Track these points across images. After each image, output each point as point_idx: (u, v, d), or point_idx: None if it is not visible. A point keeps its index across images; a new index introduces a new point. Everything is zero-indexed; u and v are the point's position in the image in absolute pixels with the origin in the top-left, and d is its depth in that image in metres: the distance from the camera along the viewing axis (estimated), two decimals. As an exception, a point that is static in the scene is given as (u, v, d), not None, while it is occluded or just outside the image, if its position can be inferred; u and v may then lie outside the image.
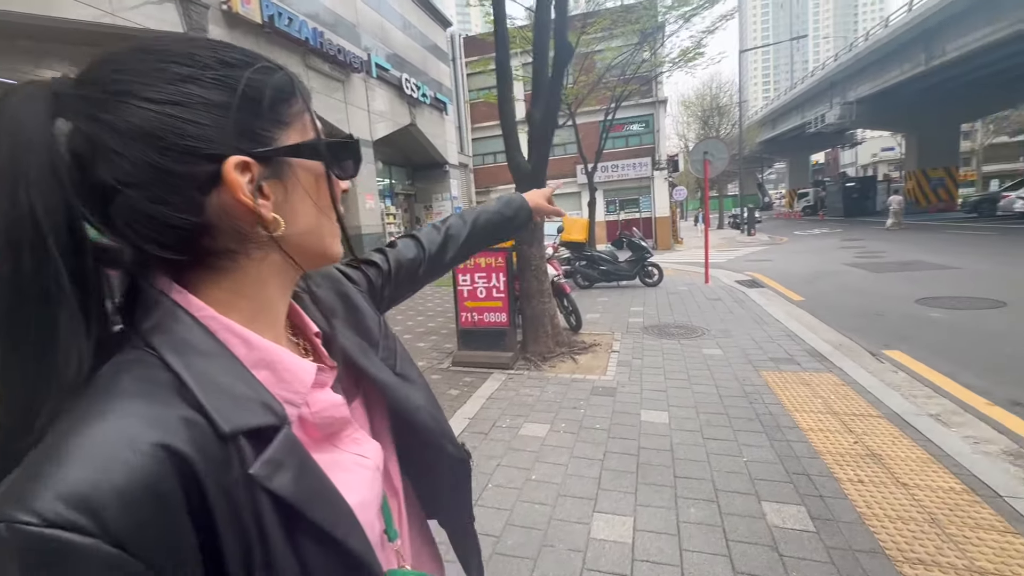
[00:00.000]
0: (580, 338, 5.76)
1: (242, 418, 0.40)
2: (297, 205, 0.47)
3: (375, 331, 0.63)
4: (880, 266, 10.60)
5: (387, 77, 10.50)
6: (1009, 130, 41.66)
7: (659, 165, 20.79)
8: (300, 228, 0.47)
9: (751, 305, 7.29)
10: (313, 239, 0.49)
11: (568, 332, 6.01)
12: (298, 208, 0.47)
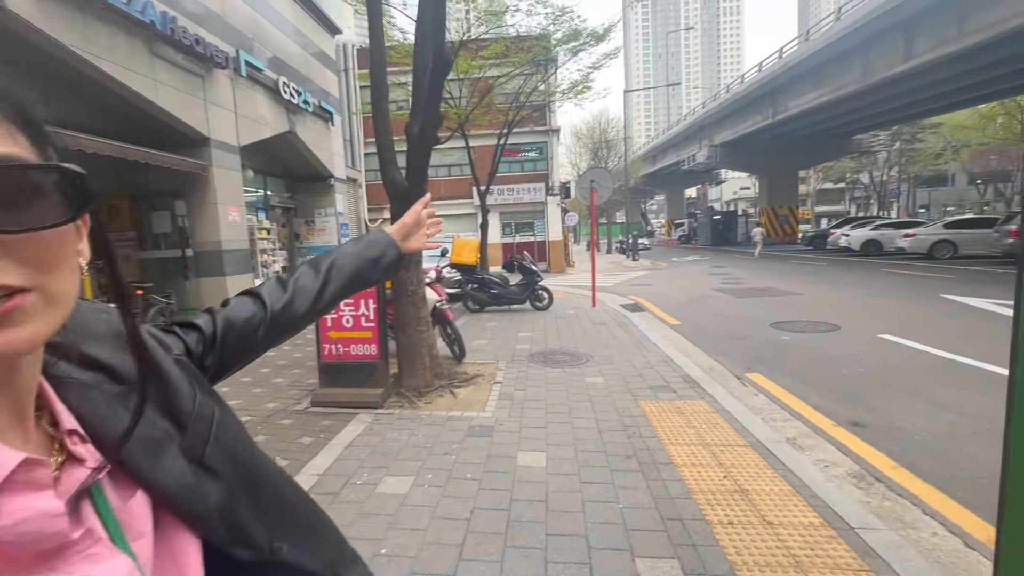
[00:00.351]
0: (463, 368, 5.40)
1: None
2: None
3: (185, 412, 0.51)
4: (742, 292, 11.71)
5: (260, 78, 9.49)
6: (833, 178, 50.18)
7: (552, 191, 21.52)
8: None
9: (633, 330, 7.50)
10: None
11: (451, 362, 5.62)
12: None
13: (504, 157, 22.64)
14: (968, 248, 16.19)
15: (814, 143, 29.99)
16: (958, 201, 46.48)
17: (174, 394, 0.52)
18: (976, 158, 36.65)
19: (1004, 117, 29.20)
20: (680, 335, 7.40)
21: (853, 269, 15.82)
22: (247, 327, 0.69)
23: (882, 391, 4.66)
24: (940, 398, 4.41)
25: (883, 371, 5.25)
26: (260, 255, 10.99)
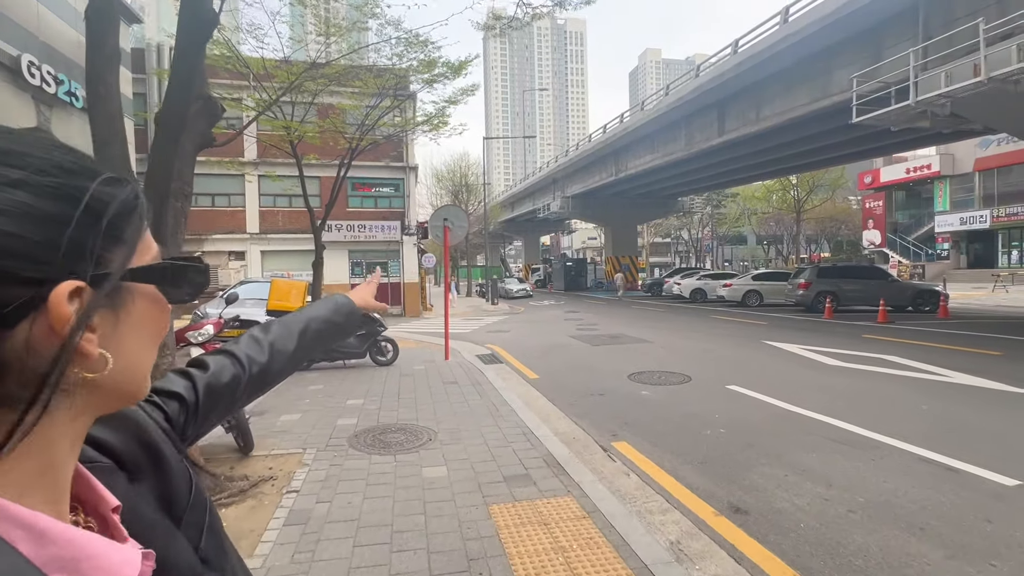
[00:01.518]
0: (247, 468, 3.76)
1: None
2: (126, 337, 0.37)
3: (183, 495, 0.50)
4: (596, 339, 11.64)
5: (-18, 49, 6.86)
6: (662, 233, 57.55)
7: (409, 230, 20.30)
8: (123, 364, 0.37)
9: (488, 389, 6.49)
10: (134, 376, 0.39)
11: (232, 457, 3.93)
12: (127, 341, 0.37)
13: (356, 191, 21.06)
14: (771, 297, 18.88)
15: (649, 201, 33.75)
16: (752, 257, 56.78)
17: (174, 476, 0.50)
18: (761, 223, 45.39)
19: (780, 192, 36.55)
20: (539, 392, 6.60)
21: (688, 315, 17.25)
22: (228, 391, 0.68)
23: (750, 459, 4.25)
24: (806, 464, 4.10)
25: (744, 431, 4.94)
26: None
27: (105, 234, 0.35)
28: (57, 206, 0.32)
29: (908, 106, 9.43)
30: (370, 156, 20.59)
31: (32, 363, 0.31)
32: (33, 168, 0.32)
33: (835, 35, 12.35)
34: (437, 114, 10.83)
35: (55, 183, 0.33)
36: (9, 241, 0.30)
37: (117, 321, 0.37)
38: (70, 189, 0.33)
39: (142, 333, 0.39)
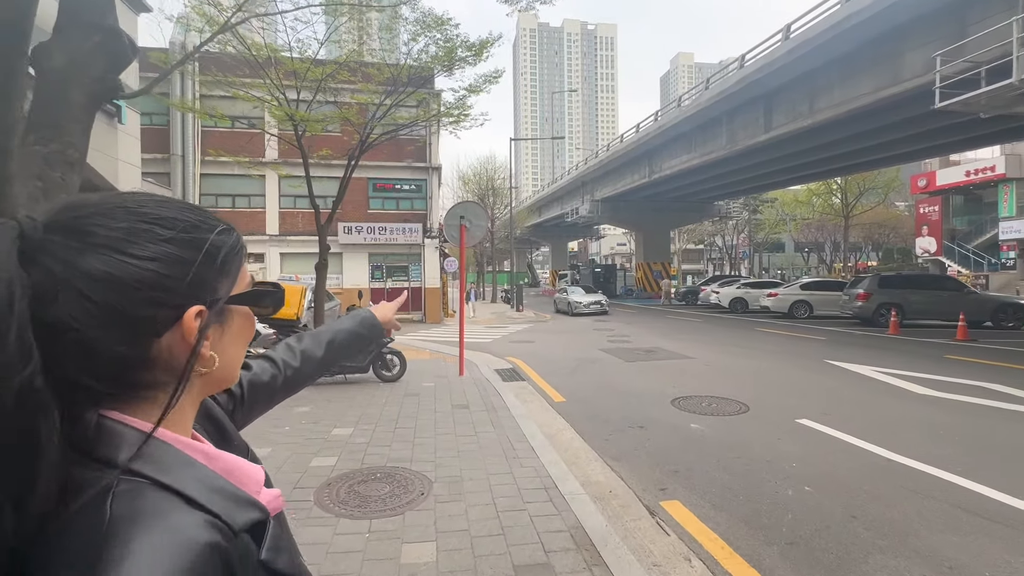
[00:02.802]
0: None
1: (244, 516, 0.48)
2: (228, 343, 0.55)
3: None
4: (630, 353, 10.42)
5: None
6: (695, 239, 55.43)
7: (431, 233, 19.49)
8: (224, 361, 0.54)
9: (504, 416, 5.43)
10: (230, 369, 0.57)
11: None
12: (228, 345, 0.55)
13: (377, 192, 20.40)
14: (822, 308, 17.20)
15: (683, 205, 32.15)
16: (790, 265, 54.05)
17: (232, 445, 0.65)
18: (801, 229, 42.93)
19: (824, 195, 34.35)
20: (565, 422, 5.51)
21: (729, 327, 15.79)
22: (268, 388, 0.85)
23: (860, 540, 3.05)
24: (946, 553, 2.88)
25: (837, 490, 3.73)
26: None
27: (217, 270, 0.52)
28: (190, 254, 0.49)
29: (1009, 85, 7.95)
30: (392, 156, 19.95)
31: (173, 361, 0.49)
32: (178, 228, 0.50)
33: (907, 13, 10.87)
34: (457, 104, 9.91)
35: (188, 237, 0.50)
36: (163, 280, 0.47)
37: (223, 332, 0.54)
38: (198, 241, 0.50)
39: (237, 339, 0.57)
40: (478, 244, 36.50)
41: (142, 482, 0.44)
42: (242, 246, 0.56)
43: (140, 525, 0.41)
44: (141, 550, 0.39)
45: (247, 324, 0.57)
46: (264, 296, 0.58)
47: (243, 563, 0.45)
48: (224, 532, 0.44)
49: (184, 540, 0.41)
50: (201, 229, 0.51)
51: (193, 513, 0.44)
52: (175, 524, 0.42)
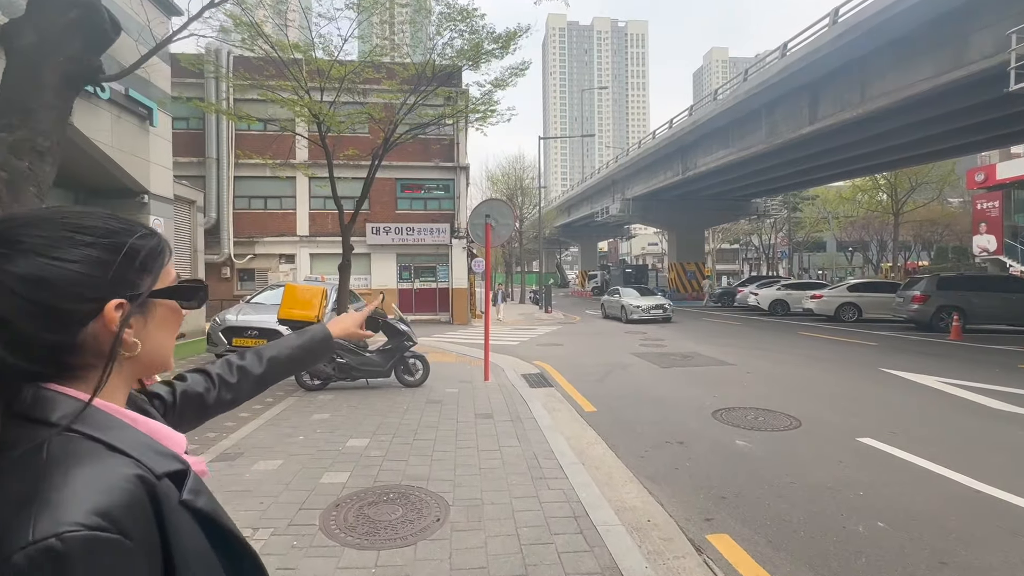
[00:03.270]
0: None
1: (165, 465, 0.56)
2: (152, 332, 0.63)
3: None
4: (664, 358, 9.87)
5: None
6: (730, 239, 53.64)
7: (458, 233, 19.29)
8: (149, 348, 0.63)
9: (530, 427, 5.05)
10: (157, 355, 0.65)
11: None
12: (152, 334, 0.63)
13: (404, 193, 20.34)
14: (872, 312, 16.11)
15: (718, 204, 31.01)
16: (832, 265, 51.62)
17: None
18: (845, 228, 40.79)
19: (871, 191, 32.48)
20: (596, 434, 5.10)
21: (770, 331, 14.94)
22: (198, 400, 0.89)
23: (957, 597, 2.53)
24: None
25: (918, 528, 3.19)
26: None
27: (137, 269, 0.60)
28: (110, 255, 0.58)
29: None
30: (419, 156, 19.85)
31: (99, 346, 0.57)
32: (98, 233, 0.58)
33: (973, -11, 9.93)
34: (483, 99, 9.59)
35: (108, 242, 0.58)
36: (83, 279, 0.55)
37: (145, 322, 0.62)
38: (117, 244, 0.58)
39: (162, 328, 0.64)
40: (505, 244, 36.29)
41: (75, 436, 0.53)
42: (163, 248, 0.65)
43: (75, 461, 0.51)
44: (78, 476, 0.49)
45: (171, 315, 0.66)
46: (184, 292, 0.66)
47: (166, 499, 0.54)
48: (147, 475, 0.53)
49: (115, 472, 0.51)
50: (120, 234, 0.59)
51: (121, 457, 0.53)
52: (106, 462, 0.52)
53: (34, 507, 0.46)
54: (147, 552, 0.50)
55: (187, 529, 0.55)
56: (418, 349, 10.33)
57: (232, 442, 4.51)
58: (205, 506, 0.59)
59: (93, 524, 0.46)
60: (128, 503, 0.49)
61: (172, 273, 0.66)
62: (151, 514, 0.51)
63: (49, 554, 0.44)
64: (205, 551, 0.57)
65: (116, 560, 0.46)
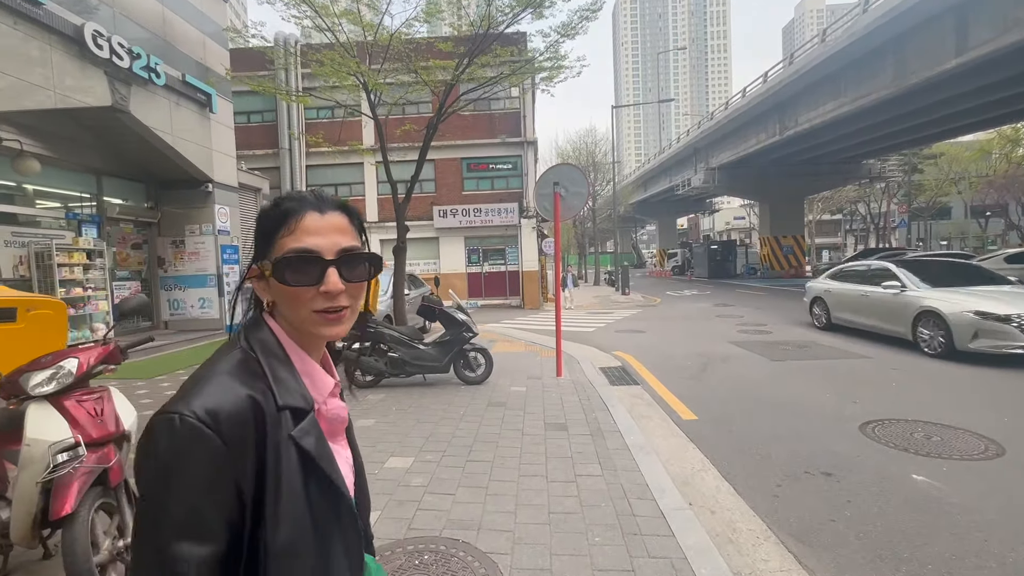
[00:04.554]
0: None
1: (290, 400, 0.67)
2: (277, 297, 0.72)
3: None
4: (773, 348, 8.23)
5: (30, 13, 6.11)
6: (832, 208, 47.85)
7: (527, 212, 18.23)
8: (281, 310, 0.73)
9: (615, 449, 3.94)
10: (293, 319, 0.72)
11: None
12: (278, 299, 0.73)
13: (471, 172, 19.58)
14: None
15: (821, 168, 27.27)
16: (959, 234, 44.32)
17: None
18: (981, 189, 34.36)
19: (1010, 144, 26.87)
20: (703, 458, 3.89)
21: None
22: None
23: None
24: None
25: None
26: (62, 290, 7.36)
27: (265, 240, 0.73)
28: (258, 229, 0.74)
29: None
30: (484, 132, 18.94)
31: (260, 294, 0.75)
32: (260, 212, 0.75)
33: None
34: (548, 51, 8.35)
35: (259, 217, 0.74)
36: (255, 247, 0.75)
37: (268, 287, 0.73)
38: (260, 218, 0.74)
39: (281, 297, 0.72)
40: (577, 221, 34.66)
41: (253, 356, 0.68)
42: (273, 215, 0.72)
43: (237, 372, 0.65)
44: (218, 381, 0.63)
45: (280, 288, 0.70)
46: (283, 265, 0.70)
47: (275, 427, 0.64)
48: (269, 400, 0.65)
49: (242, 390, 0.63)
50: (265, 209, 0.74)
51: (260, 379, 0.66)
52: (243, 379, 0.65)
53: (191, 391, 0.62)
54: (235, 460, 0.60)
55: (288, 462, 0.64)
56: (484, 338, 9.47)
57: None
58: (310, 447, 0.66)
59: (203, 417, 0.59)
60: (234, 415, 0.61)
61: (287, 245, 0.70)
62: (252, 432, 0.62)
63: (169, 423, 0.59)
64: (298, 486, 0.64)
65: (208, 451, 0.58)
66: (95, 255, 7.99)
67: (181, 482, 0.57)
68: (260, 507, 0.61)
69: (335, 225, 0.72)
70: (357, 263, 0.72)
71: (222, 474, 0.59)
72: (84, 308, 7.66)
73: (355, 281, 0.71)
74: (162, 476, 0.58)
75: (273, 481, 0.62)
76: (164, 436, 0.58)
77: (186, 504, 0.57)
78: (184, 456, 0.58)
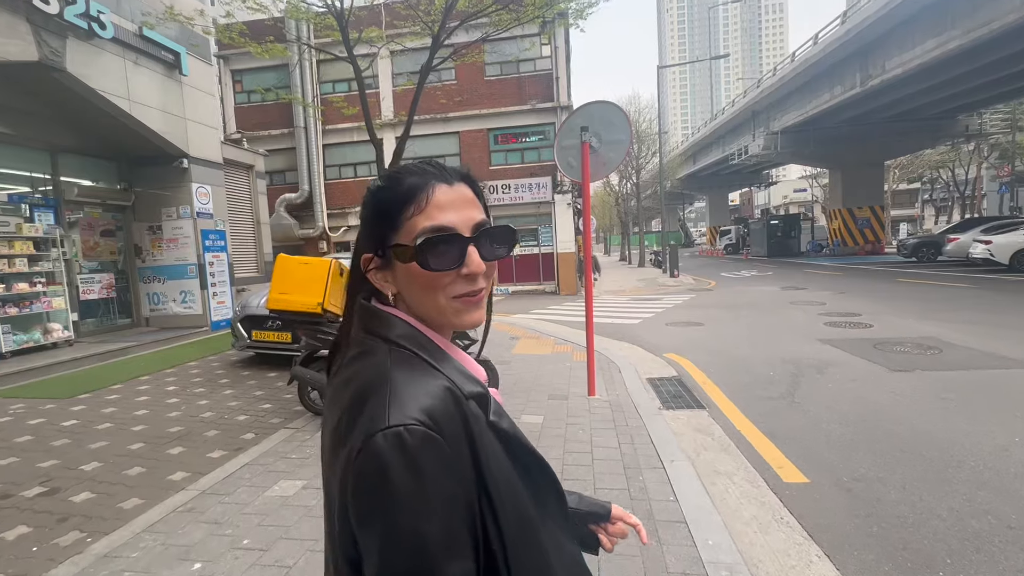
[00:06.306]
0: None
1: (470, 387, 0.62)
2: (403, 285, 0.65)
3: None
4: (886, 350, 6.12)
5: None
6: (909, 176, 42.70)
7: (562, 187, 16.28)
8: (410, 300, 0.66)
9: (679, 547, 2.18)
10: (420, 308, 0.66)
11: None
12: (404, 287, 0.65)
13: (499, 145, 17.78)
14: None
15: (905, 126, 23.54)
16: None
17: None
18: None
19: None
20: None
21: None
22: None
23: None
24: None
25: None
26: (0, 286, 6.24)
27: (383, 223, 0.64)
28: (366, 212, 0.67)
29: None
30: (513, 98, 17.02)
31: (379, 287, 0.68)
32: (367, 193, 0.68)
33: None
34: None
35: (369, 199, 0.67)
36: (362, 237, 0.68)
37: (395, 275, 0.65)
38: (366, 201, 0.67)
39: (408, 283, 0.64)
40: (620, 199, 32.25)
41: (409, 352, 0.61)
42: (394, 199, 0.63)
43: (412, 370, 0.59)
44: (413, 381, 0.58)
45: (409, 273, 0.63)
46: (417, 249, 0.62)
47: (475, 419, 0.59)
48: (456, 392, 0.59)
49: (435, 384, 0.58)
50: (376, 189, 0.66)
51: (440, 375, 0.60)
52: (432, 375, 0.60)
53: (387, 399, 0.55)
54: (458, 456, 0.56)
55: (493, 448, 0.60)
56: (506, 333, 7.85)
57: (105, 547, 2.36)
58: (508, 427, 0.63)
59: (425, 421, 0.54)
60: (444, 411, 0.56)
61: (419, 225, 0.62)
62: (460, 426, 0.57)
63: (399, 439, 0.52)
64: (509, 469, 0.61)
65: (439, 455, 0.54)
66: (48, 244, 6.87)
67: (432, 499, 0.53)
68: (483, 511, 0.58)
69: (466, 198, 0.65)
70: (493, 238, 0.66)
71: (460, 481, 0.56)
72: (31, 307, 6.55)
73: (492, 259, 0.66)
74: (408, 499, 0.52)
75: (492, 479, 0.59)
76: (396, 454, 0.53)
77: (443, 522, 0.53)
78: (425, 470, 0.53)
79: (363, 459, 0.53)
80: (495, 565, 0.58)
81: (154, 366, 6.23)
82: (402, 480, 0.52)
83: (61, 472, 3.29)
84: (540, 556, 0.62)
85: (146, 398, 4.92)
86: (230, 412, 4.48)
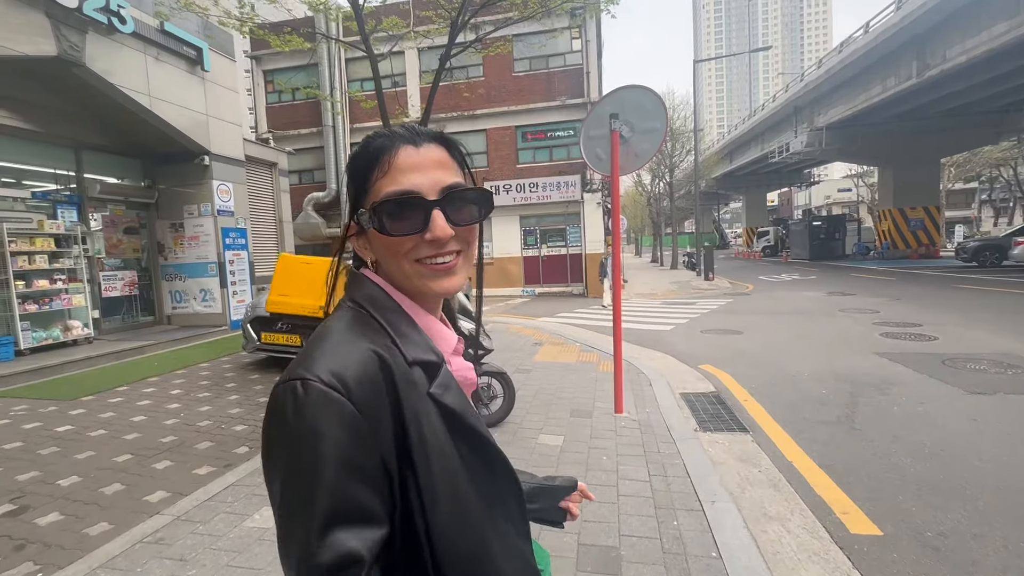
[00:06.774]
0: None
1: (419, 353, 0.59)
2: (376, 249, 0.65)
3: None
4: (957, 367, 5.39)
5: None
6: (965, 175, 40.04)
7: (591, 186, 15.72)
8: (384, 266, 0.65)
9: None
10: (392, 273, 0.64)
11: None
12: (377, 251, 0.65)
13: (527, 142, 17.34)
14: None
15: (963, 120, 21.89)
16: None
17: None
18: None
19: None
20: None
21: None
22: None
23: None
24: None
25: None
26: (19, 283, 6.21)
27: (358, 187, 0.64)
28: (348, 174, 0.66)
29: None
30: (541, 95, 16.54)
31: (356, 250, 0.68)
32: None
33: None
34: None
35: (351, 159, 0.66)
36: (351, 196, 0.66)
37: (368, 239, 0.65)
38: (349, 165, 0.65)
39: (379, 247, 0.64)
40: (652, 198, 31.31)
41: (365, 312, 0.61)
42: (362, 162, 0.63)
43: (352, 331, 0.58)
44: (335, 342, 0.56)
45: (376, 236, 0.62)
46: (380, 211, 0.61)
47: (408, 386, 0.57)
48: (396, 355, 0.57)
49: (363, 346, 0.56)
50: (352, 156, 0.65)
51: (382, 335, 0.59)
52: (363, 334, 0.58)
53: (313, 354, 0.55)
54: (370, 422, 0.53)
55: (429, 420, 0.57)
56: (529, 338, 7.43)
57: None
58: (452, 402, 0.60)
59: (328, 380, 0.52)
60: (362, 374, 0.54)
61: (383, 189, 0.61)
62: (384, 394, 0.55)
63: (293, 391, 0.52)
64: (446, 445, 0.58)
65: (338, 416, 0.51)
66: (70, 241, 6.85)
67: (323, 459, 0.51)
68: (407, 481, 0.56)
69: (435, 159, 0.63)
70: (465, 202, 0.63)
71: (364, 445, 0.53)
72: (51, 304, 6.52)
73: (464, 224, 0.63)
74: (298, 454, 0.51)
75: (420, 449, 0.56)
76: (290, 407, 0.52)
77: (335, 483, 0.51)
78: (317, 427, 0.51)
79: (269, 401, 0.55)
80: (419, 541, 0.55)
81: (166, 367, 6.08)
82: (288, 431, 0.51)
83: (37, 487, 3.06)
84: (478, 544, 0.59)
85: (148, 402, 4.72)
86: (229, 421, 4.21)
